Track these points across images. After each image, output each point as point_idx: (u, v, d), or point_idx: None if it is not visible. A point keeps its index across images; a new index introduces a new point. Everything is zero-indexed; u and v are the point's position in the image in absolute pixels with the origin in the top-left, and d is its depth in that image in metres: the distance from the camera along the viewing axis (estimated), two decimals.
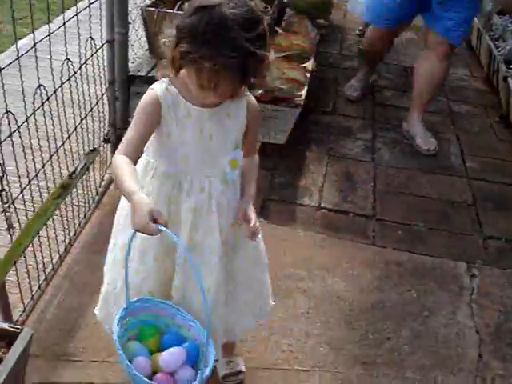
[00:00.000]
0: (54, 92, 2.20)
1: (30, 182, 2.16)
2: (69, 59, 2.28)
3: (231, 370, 2.24)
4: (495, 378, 2.41)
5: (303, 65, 3.94)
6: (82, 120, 2.56)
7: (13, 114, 1.91)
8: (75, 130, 2.50)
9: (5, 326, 1.75)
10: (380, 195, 3.48)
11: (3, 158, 1.91)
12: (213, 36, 1.50)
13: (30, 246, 2.23)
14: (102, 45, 2.65)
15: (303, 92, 3.70)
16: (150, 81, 2.10)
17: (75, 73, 2.35)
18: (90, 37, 2.45)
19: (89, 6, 2.40)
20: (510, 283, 2.89)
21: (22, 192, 2.10)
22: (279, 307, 2.54)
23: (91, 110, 2.66)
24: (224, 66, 1.52)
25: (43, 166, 2.26)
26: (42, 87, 2.08)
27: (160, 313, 1.84)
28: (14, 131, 1.95)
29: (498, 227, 3.30)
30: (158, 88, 1.71)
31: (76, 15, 2.26)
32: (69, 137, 2.44)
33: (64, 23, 2.17)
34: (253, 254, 2.01)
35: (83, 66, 2.48)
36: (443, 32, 3.74)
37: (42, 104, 2.13)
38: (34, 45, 1.98)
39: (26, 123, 2.04)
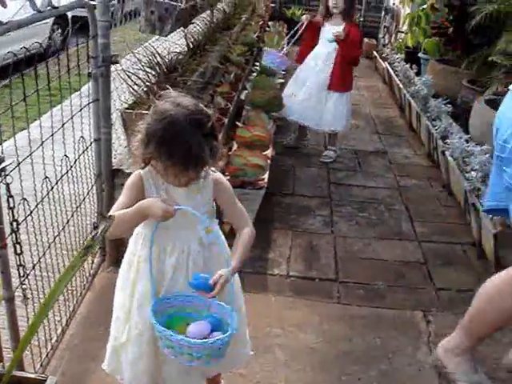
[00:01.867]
0: (56, 183, 2.58)
1: (44, 253, 2.51)
2: (66, 155, 2.68)
3: None
4: None
5: (264, 152, 4.40)
6: (77, 208, 2.93)
7: (27, 201, 2.29)
8: (72, 215, 2.87)
9: (33, 375, 2.05)
10: (341, 261, 3.88)
11: (20, 237, 2.27)
12: (171, 139, 1.96)
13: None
14: (91, 143, 3.07)
15: (266, 175, 4.15)
16: (131, 173, 2.49)
17: (71, 167, 2.74)
18: (82, 136, 2.86)
19: (80, 110, 2.82)
20: None
21: (33, 268, 2.45)
22: (261, 360, 2.89)
23: (83, 200, 3.04)
24: (181, 161, 1.97)
25: (55, 239, 2.63)
26: (47, 178, 2.46)
27: (183, 305, 2.16)
28: (28, 215, 2.32)
29: (448, 280, 3.71)
30: (142, 170, 2.14)
31: (71, 118, 2.68)
32: (67, 222, 2.82)
33: (62, 125, 2.59)
34: (230, 305, 2.36)
35: (74, 164, 2.87)
36: None
37: (47, 194, 2.51)
38: (42, 143, 2.38)
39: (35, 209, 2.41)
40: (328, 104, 5.40)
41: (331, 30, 5.11)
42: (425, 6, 8.53)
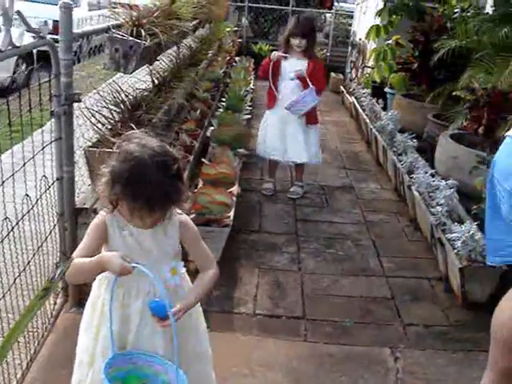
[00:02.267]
0: (17, 223, 2.53)
1: (4, 295, 2.45)
2: (27, 195, 2.63)
3: None
4: None
5: (229, 190, 4.39)
6: (38, 248, 2.88)
7: None
8: (34, 255, 2.81)
9: None
10: (308, 298, 3.85)
11: None
12: (137, 181, 1.95)
13: None
14: (53, 182, 3.02)
15: (231, 213, 4.13)
16: (94, 212, 2.46)
17: (33, 206, 2.69)
18: (44, 175, 2.82)
19: (42, 149, 2.78)
20: (429, 361, 3.26)
21: None
22: None
23: (45, 240, 2.99)
24: (146, 202, 1.96)
25: (15, 280, 2.57)
26: (7, 219, 2.41)
27: (142, 364, 2.12)
28: None
29: (415, 315, 3.71)
30: (106, 213, 2.11)
31: (33, 158, 2.64)
32: (28, 263, 2.76)
33: (24, 164, 2.55)
34: (195, 348, 2.34)
35: (37, 203, 2.82)
36: None
37: (8, 234, 2.45)
38: (3, 182, 2.34)
39: None
40: (309, 139, 5.40)
41: (292, 66, 5.13)
42: (390, 42, 8.68)
